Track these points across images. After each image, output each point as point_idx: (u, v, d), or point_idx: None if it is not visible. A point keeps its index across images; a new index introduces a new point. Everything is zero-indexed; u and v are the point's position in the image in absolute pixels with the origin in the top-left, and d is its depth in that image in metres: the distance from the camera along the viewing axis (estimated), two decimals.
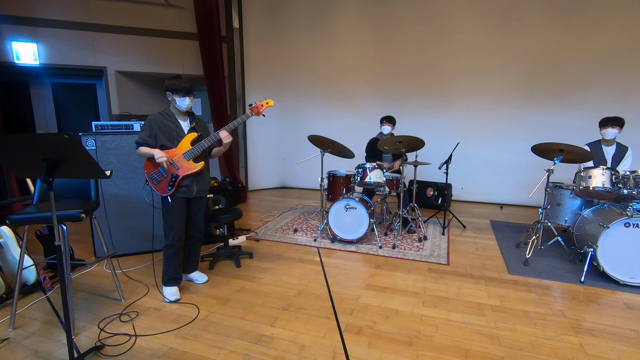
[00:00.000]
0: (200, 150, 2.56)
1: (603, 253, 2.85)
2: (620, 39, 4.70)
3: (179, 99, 2.50)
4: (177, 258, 2.65)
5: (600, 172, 3.09)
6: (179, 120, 2.60)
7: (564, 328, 2.30)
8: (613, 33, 4.72)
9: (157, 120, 2.55)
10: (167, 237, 2.61)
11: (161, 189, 2.55)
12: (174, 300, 2.61)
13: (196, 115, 2.73)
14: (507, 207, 5.39)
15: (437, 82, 5.63)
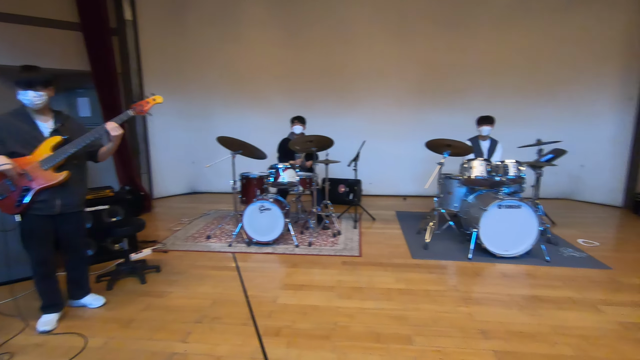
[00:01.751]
0: (63, 156, 2.14)
1: (484, 232, 3.33)
2: (492, 50, 5.55)
3: (20, 92, 2.06)
4: (47, 284, 2.31)
5: (479, 163, 3.60)
6: (36, 122, 2.16)
7: (457, 301, 2.62)
8: (487, 45, 5.55)
9: (6, 122, 2.11)
10: (31, 261, 2.24)
11: (6, 207, 2.11)
12: (45, 330, 2.22)
13: (67, 115, 2.31)
14: (410, 198, 5.94)
15: (344, 82, 5.92)
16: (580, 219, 4.72)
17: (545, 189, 5.53)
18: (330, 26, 5.78)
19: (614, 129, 5.21)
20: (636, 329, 2.28)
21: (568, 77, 5.41)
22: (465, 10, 5.50)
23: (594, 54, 5.23)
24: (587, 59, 5.28)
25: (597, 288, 2.82)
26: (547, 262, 3.27)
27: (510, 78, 5.58)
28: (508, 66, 5.55)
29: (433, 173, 3.68)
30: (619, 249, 3.68)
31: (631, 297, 2.68)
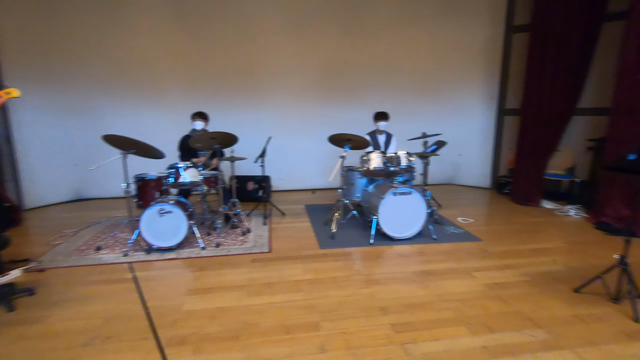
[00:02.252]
0: None
1: (382, 218, 3.65)
2: (385, 51, 6.03)
3: None
4: None
5: (376, 156, 3.91)
6: None
7: (361, 284, 2.83)
8: (381, 46, 6.01)
9: None
10: None
11: None
12: None
13: None
14: (319, 191, 6.16)
15: (249, 78, 5.80)
16: (459, 200, 5.50)
17: (432, 176, 6.26)
18: (231, 19, 5.59)
19: (481, 122, 6.18)
20: (497, 288, 2.76)
21: (445, 78, 6.21)
22: (359, 13, 5.87)
23: (464, 58, 6.10)
24: (459, 63, 6.13)
25: (471, 258, 3.34)
26: (435, 240, 3.74)
27: (401, 77, 6.17)
28: (399, 66, 6.13)
29: (336, 166, 3.88)
30: (488, 223, 4.41)
31: (495, 262, 3.24)
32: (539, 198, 5.10)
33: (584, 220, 4.45)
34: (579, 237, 3.88)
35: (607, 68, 4.76)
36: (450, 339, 2.14)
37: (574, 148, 5.29)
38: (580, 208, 4.75)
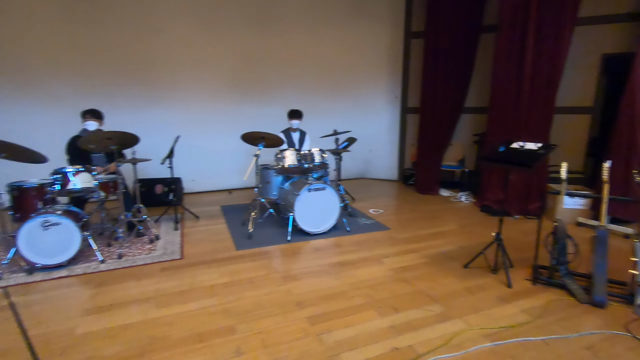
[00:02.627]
0: None
1: (298, 214, 3.71)
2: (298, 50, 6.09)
3: None
4: None
5: (290, 153, 3.95)
6: None
7: (277, 281, 2.84)
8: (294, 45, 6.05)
9: None
10: None
11: None
12: None
13: None
14: (236, 191, 5.99)
15: (153, 73, 5.33)
16: (371, 193, 5.88)
17: (345, 171, 6.62)
18: (132, 5, 5.06)
19: (388, 120, 6.68)
20: (402, 271, 3.03)
21: (355, 78, 6.56)
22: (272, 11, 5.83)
23: (371, 60, 6.51)
24: (367, 64, 6.53)
25: (381, 246, 3.60)
26: (348, 232, 3.94)
27: (315, 76, 6.31)
28: (312, 65, 6.26)
29: (250, 165, 3.82)
30: (395, 213, 4.80)
31: (401, 248, 3.55)
32: (437, 187, 5.73)
33: (472, 204, 5.13)
34: (468, 220, 4.46)
35: (485, 72, 5.53)
36: (361, 324, 2.28)
37: (463, 142, 6.05)
38: (469, 194, 5.47)
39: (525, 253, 3.32)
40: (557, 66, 4.34)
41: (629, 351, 2.03)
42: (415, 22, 6.12)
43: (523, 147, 2.85)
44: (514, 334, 2.18)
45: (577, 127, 5.37)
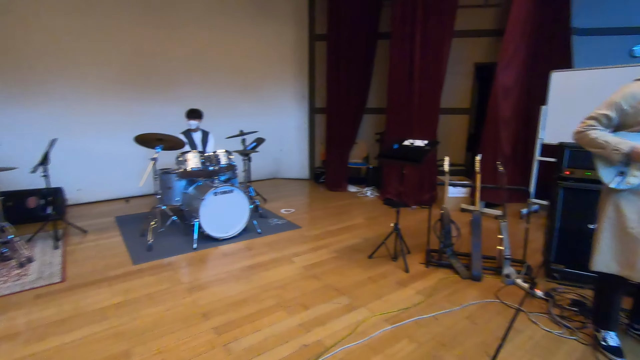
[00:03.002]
0: None
1: (204, 220, 3.51)
2: (200, 46, 5.75)
3: None
4: None
5: (193, 155, 3.71)
6: None
7: (182, 293, 2.64)
8: (195, 41, 5.69)
9: None
10: None
11: None
12: None
13: None
14: (134, 199, 5.41)
15: (20, 68, 4.46)
16: (283, 192, 5.89)
17: (256, 171, 6.52)
18: None
19: (297, 119, 6.77)
20: (312, 268, 3.10)
21: (263, 78, 6.49)
22: (169, 3, 5.40)
23: (278, 60, 6.52)
24: (275, 64, 6.51)
25: (292, 245, 3.62)
26: (259, 233, 3.88)
27: (220, 74, 6.05)
28: (218, 63, 5.98)
29: (147, 170, 3.48)
30: (307, 211, 4.89)
31: (311, 245, 3.62)
32: (345, 184, 6.01)
33: (377, 198, 5.52)
34: (373, 213, 4.78)
35: (383, 76, 5.99)
36: (270, 326, 2.25)
37: (367, 140, 6.47)
38: (374, 189, 5.87)
39: (421, 239, 3.68)
40: (440, 72, 4.91)
41: (497, 315, 2.40)
42: (318, 25, 6.31)
43: (413, 144, 3.15)
44: (410, 314, 2.40)
45: (459, 125, 6.18)
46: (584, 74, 4.08)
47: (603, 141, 1.84)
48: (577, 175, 2.76)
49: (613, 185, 1.86)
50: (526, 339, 2.15)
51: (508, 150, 4.89)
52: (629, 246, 1.84)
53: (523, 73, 4.82)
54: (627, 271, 1.86)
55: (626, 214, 1.85)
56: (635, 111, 1.79)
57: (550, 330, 2.23)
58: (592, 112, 1.92)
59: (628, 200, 1.85)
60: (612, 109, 1.85)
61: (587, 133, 1.90)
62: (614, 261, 1.91)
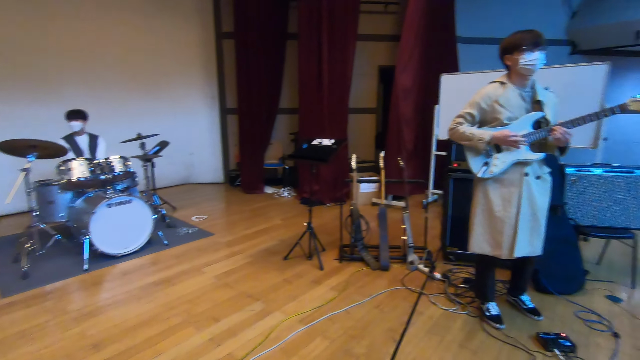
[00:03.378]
0: None
1: (97, 236, 3.09)
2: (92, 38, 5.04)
3: None
4: None
5: (78, 164, 3.24)
6: None
7: (67, 324, 2.27)
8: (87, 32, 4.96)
9: None
10: None
11: None
12: None
13: None
14: (3, 219, 4.53)
15: None
16: (195, 198, 5.53)
17: (166, 177, 6.04)
18: None
19: (208, 121, 6.42)
20: (225, 276, 2.95)
21: (166, 76, 5.99)
22: None
23: (184, 58, 6.07)
24: (179, 61, 6.05)
25: (203, 254, 3.40)
26: (166, 245, 3.56)
27: (113, 72, 5.40)
28: (109, 60, 5.32)
29: (16, 183, 2.92)
30: (220, 216, 4.66)
31: (225, 252, 3.45)
32: (262, 185, 5.90)
33: (293, 198, 5.53)
34: (290, 213, 4.77)
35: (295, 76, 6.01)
36: (176, 346, 2.06)
37: (282, 141, 6.44)
38: (291, 189, 5.87)
39: (336, 236, 3.78)
40: (347, 73, 5.11)
41: (403, 300, 2.57)
42: (225, 23, 6.06)
43: (321, 143, 3.20)
44: (324, 311, 2.42)
45: (367, 124, 6.54)
46: (467, 77, 4.62)
47: (470, 133, 2.08)
48: (463, 166, 3.09)
49: (480, 175, 2.12)
50: (427, 320, 2.34)
51: (410, 146, 5.31)
52: (496, 228, 2.11)
53: (420, 75, 5.28)
54: (497, 251, 2.13)
55: (492, 199, 2.11)
56: (491, 109, 2.07)
57: (447, 308, 2.46)
58: (460, 111, 2.16)
59: (493, 187, 2.12)
60: (473, 108, 2.11)
61: (458, 129, 2.14)
62: (486, 243, 2.16)
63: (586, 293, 2.66)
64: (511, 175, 2.07)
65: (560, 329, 2.20)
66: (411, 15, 4.86)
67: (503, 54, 2.04)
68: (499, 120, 2.05)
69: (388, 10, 6.11)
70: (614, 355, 2.00)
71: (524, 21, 6.55)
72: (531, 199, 2.06)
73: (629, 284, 2.79)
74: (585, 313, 2.41)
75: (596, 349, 2.05)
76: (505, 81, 2.07)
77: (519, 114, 2.03)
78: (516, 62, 1.95)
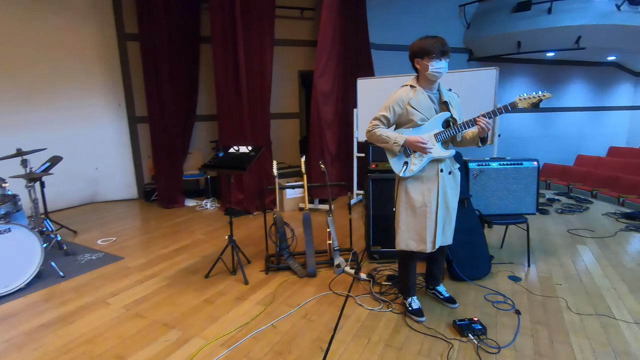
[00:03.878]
0: None
1: None
2: None
3: None
4: None
5: None
6: None
7: None
8: None
9: None
10: None
11: None
12: None
13: None
14: None
15: None
16: (102, 219, 4.90)
17: (65, 198, 5.28)
18: None
19: (115, 132, 5.76)
20: (136, 305, 2.62)
21: (60, 81, 5.22)
22: None
23: (78, 61, 5.36)
24: (73, 66, 5.33)
25: (109, 283, 2.99)
26: (62, 277, 3.06)
27: None
28: None
29: None
30: (132, 237, 4.18)
31: (136, 277, 3.08)
32: (181, 198, 5.48)
33: (218, 209, 5.23)
34: (214, 226, 4.48)
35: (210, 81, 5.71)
36: None
37: (202, 149, 6.08)
38: (214, 200, 5.56)
39: (262, 246, 3.62)
40: (266, 78, 5.00)
41: (330, 306, 2.54)
42: (128, 24, 5.52)
43: (238, 151, 3.05)
44: (249, 329, 2.27)
45: (291, 129, 6.50)
46: (382, 81, 4.84)
47: (386, 137, 2.15)
48: (381, 167, 3.21)
49: (402, 174, 2.20)
50: (354, 323, 2.33)
51: (334, 150, 5.40)
52: (420, 224, 2.20)
53: (338, 80, 5.40)
54: (422, 245, 2.22)
55: (413, 196, 2.20)
56: (405, 111, 2.16)
57: (372, 308, 2.49)
58: (377, 114, 2.22)
59: (413, 185, 2.21)
60: (388, 111, 2.18)
61: (375, 131, 2.19)
62: (411, 239, 2.24)
63: (492, 276, 2.92)
64: (428, 172, 2.19)
65: (473, 314, 2.37)
66: (325, 21, 4.95)
67: (413, 57, 2.13)
68: (413, 121, 2.16)
69: (304, 16, 6.16)
70: (516, 331, 2.20)
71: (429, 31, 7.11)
72: (445, 193, 2.21)
73: (526, 263, 3.14)
74: (493, 295, 2.63)
75: (502, 328, 2.23)
76: (414, 84, 2.19)
77: (430, 115, 2.16)
78: (426, 68, 2.07)
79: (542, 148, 8.87)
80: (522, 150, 8.62)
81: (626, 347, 2.04)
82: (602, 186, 6.17)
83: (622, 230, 3.94)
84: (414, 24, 6.93)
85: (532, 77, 8.51)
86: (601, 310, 2.41)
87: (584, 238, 3.75)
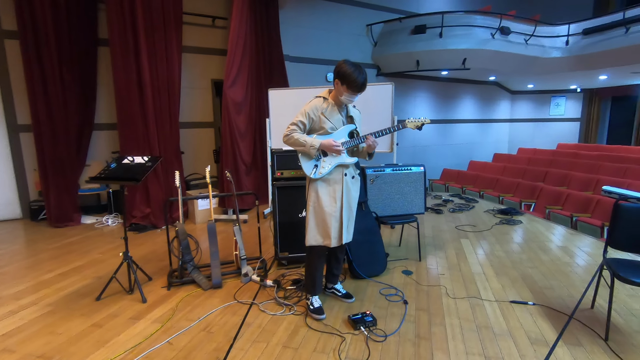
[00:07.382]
0: None
1: None
2: None
3: None
4: None
5: None
6: None
7: None
8: None
9: None
10: None
11: None
12: None
13: None
14: None
15: None
16: None
17: None
18: None
19: None
20: (6, 339, 2.28)
21: None
22: None
23: None
24: None
25: None
26: None
27: None
28: None
29: None
30: (9, 262, 3.62)
31: (8, 308, 2.68)
32: (77, 216, 4.93)
33: (121, 225, 4.82)
34: (114, 244, 4.12)
35: (111, 86, 5.29)
36: None
37: (102, 161, 5.55)
38: (117, 215, 5.11)
39: (167, 261, 3.44)
40: (174, 85, 4.82)
41: (233, 315, 2.52)
42: (5, 19, 4.86)
43: (133, 161, 2.88)
44: (140, 350, 2.14)
45: (205, 139, 6.32)
46: (294, 92, 4.99)
47: (303, 140, 2.30)
48: (286, 175, 3.30)
49: (312, 176, 2.35)
50: (255, 329, 2.35)
51: (248, 159, 5.38)
52: (326, 221, 2.38)
53: (251, 90, 5.43)
54: (327, 240, 2.39)
55: (322, 196, 2.38)
56: (318, 119, 2.36)
57: (274, 313, 2.54)
58: (294, 119, 2.35)
59: (322, 186, 2.40)
60: (304, 117, 2.35)
61: (292, 135, 2.32)
62: (319, 235, 2.42)
63: (389, 272, 3.19)
64: (335, 176, 2.40)
65: (368, 308, 2.56)
66: (235, 33, 4.96)
67: (336, 76, 2.30)
68: (324, 129, 2.36)
69: (216, 25, 6.09)
70: (402, 319, 2.44)
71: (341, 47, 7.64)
72: (349, 195, 2.45)
73: (418, 258, 3.49)
74: (387, 289, 2.88)
75: (391, 318, 2.46)
76: (327, 97, 2.40)
77: (338, 125, 2.40)
78: (341, 93, 2.30)
79: (442, 155, 9.97)
80: (426, 157, 9.57)
81: (486, 321, 2.40)
82: (487, 187, 7.16)
83: (497, 224, 4.62)
84: (328, 39, 7.32)
85: (432, 93, 9.55)
86: (471, 292, 2.80)
87: (467, 233, 4.31)
